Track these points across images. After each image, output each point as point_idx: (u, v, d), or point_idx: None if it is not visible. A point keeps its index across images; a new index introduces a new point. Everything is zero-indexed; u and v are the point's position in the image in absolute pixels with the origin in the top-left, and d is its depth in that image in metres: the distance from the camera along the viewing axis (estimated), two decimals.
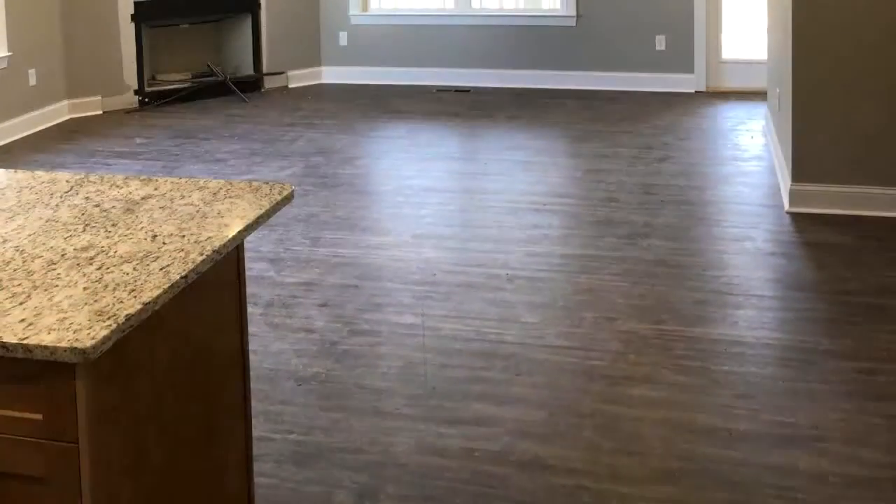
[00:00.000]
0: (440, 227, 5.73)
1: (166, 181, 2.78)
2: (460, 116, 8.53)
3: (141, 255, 2.22)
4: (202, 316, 2.39)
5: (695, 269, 4.99)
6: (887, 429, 3.48)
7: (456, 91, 9.46)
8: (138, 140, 7.95)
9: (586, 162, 6.97)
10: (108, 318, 1.90)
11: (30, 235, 2.36)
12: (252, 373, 3.00)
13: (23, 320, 1.90)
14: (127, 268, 2.14)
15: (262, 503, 3.08)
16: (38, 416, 1.89)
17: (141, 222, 2.44)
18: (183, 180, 2.79)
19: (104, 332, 1.85)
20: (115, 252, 2.24)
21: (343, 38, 10.01)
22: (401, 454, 3.38)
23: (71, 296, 2.00)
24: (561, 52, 9.41)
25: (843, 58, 5.59)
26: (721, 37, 9.19)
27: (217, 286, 2.47)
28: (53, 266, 2.16)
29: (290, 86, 9.90)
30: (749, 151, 7.15)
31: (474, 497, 3.13)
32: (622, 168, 6.77)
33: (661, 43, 9.13)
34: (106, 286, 2.05)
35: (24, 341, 1.82)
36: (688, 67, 9.14)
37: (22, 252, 2.24)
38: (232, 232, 2.38)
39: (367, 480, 3.23)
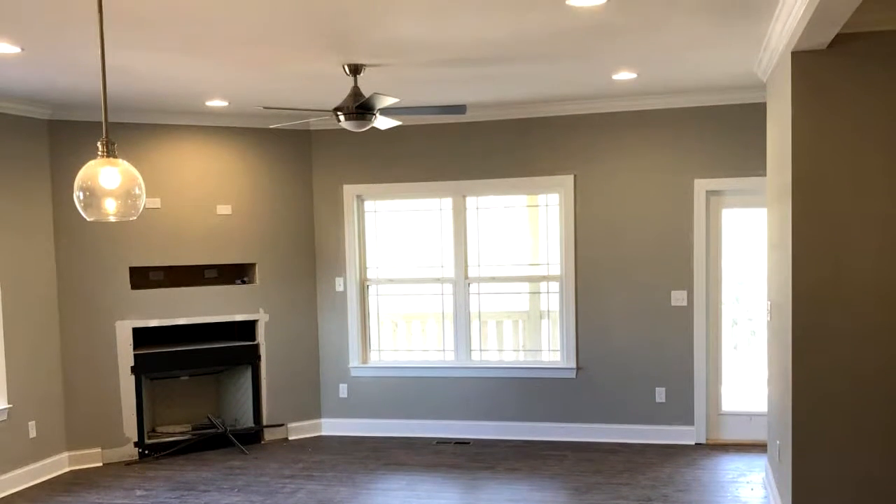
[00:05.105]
0: None
1: None
2: (460, 468, 8.52)
3: None
4: None
5: None
6: None
7: (456, 443, 9.50)
8: (138, 492, 7.91)
9: None
10: None
11: None
12: None
13: None
14: None
15: None
16: None
17: None
18: None
19: None
20: None
21: (343, 390, 10.10)
22: None
23: None
24: (561, 403, 9.50)
25: (843, 409, 5.67)
26: (721, 389, 9.27)
27: None
28: None
29: (290, 437, 9.92)
30: None
31: None
32: None
33: (660, 395, 9.22)
34: None
35: None
36: (688, 419, 9.20)
37: None
38: None
39: None
